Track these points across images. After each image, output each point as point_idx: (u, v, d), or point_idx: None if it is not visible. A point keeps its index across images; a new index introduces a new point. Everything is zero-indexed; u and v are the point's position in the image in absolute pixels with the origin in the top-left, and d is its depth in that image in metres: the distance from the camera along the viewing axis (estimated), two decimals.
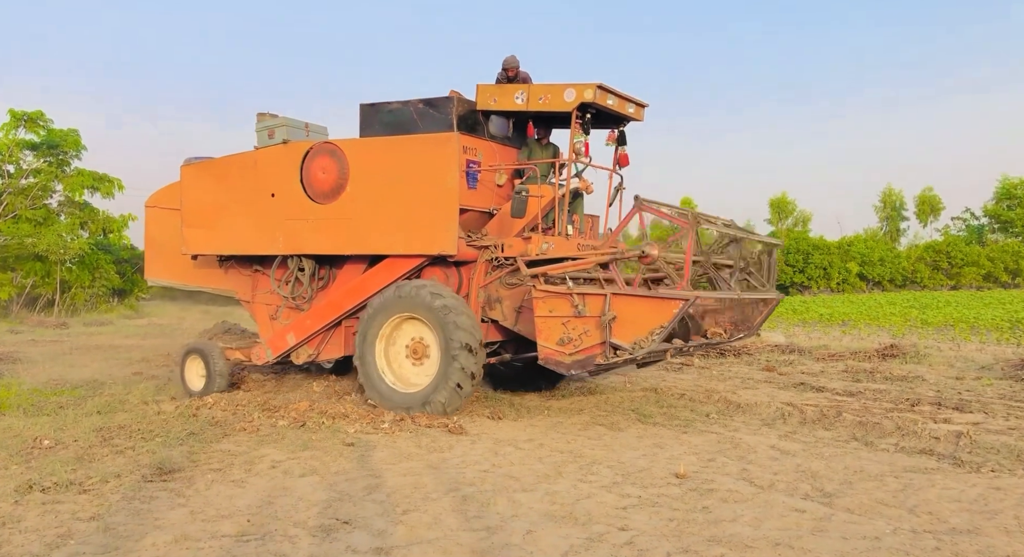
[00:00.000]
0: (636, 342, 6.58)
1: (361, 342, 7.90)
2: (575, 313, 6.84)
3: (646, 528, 4.38)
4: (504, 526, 4.41)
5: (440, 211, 7.57)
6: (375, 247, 8.02)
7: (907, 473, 5.53)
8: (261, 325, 9.20)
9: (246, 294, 9.37)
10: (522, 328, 7.82)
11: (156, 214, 9.87)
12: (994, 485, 5.20)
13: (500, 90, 8.13)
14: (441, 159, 7.59)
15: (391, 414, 7.44)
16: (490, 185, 8.23)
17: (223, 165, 8.97)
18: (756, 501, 4.88)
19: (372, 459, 5.91)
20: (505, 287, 7.93)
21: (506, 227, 8.06)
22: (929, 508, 4.73)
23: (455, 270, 8.14)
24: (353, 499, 4.91)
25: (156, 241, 9.94)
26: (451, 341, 7.35)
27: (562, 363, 6.91)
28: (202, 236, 9.05)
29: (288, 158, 8.40)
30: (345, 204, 8.05)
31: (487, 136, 8.30)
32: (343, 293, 8.39)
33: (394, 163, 7.83)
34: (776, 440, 6.66)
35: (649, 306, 6.59)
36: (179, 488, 5.11)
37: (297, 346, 8.65)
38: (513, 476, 5.47)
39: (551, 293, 6.99)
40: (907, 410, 7.78)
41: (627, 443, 6.56)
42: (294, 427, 6.95)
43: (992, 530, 4.33)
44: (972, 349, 12.59)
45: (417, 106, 8.02)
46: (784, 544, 4.11)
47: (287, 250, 8.51)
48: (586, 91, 7.58)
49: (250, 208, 8.65)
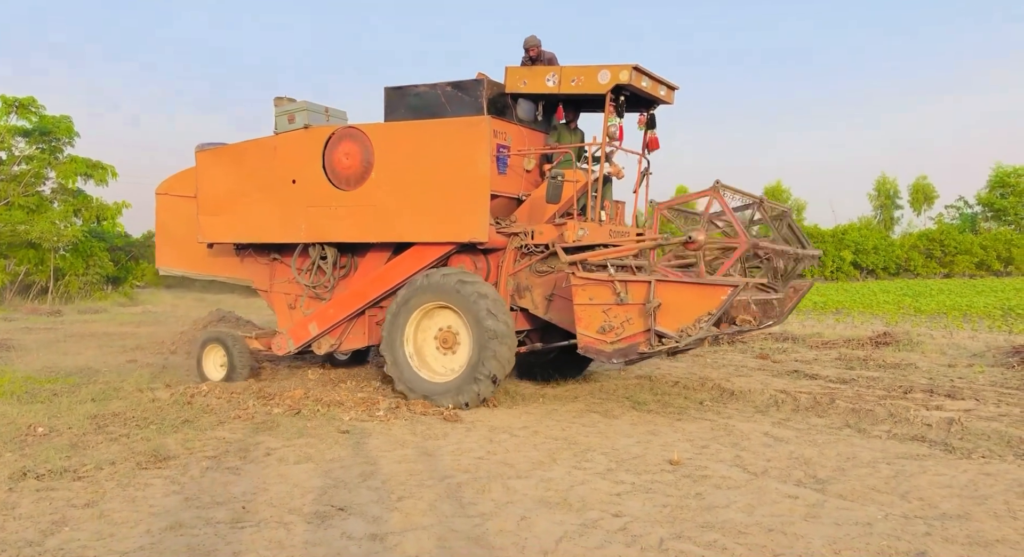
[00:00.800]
0: (682, 330, 6.45)
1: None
2: (617, 301, 6.68)
3: (640, 514, 4.40)
4: (499, 512, 4.43)
5: (471, 197, 7.38)
6: (403, 234, 7.84)
7: (899, 460, 5.57)
8: (280, 314, 9.00)
9: (263, 283, 9.15)
10: (554, 316, 7.68)
11: (168, 201, 9.58)
12: (984, 471, 5.24)
13: (530, 72, 7.90)
14: (472, 143, 7.40)
15: (386, 402, 7.45)
16: (518, 170, 8.06)
17: (241, 151, 8.72)
18: (749, 487, 4.91)
19: (367, 446, 5.93)
20: (535, 275, 7.79)
21: (536, 213, 7.91)
22: (920, 494, 4.76)
23: (483, 257, 7.99)
24: (348, 486, 4.92)
25: (168, 229, 9.70)
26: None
27: (603, 352, 6.77)
28: (219, 224, 8.83)
29: (309, 143, 8.19)
30: (370, 190, 7.86)
31: (515, 120, 8.11)
32: (368, 282, 8.22)
33: (422, 148, 7.63)
34: (769, 427, 6.70)
35: (696, 293, 6.45)
36: (174, 475, 5.11)
37: (319, 336, 8.48)
38: (508, 463, 5.49)
39: (591, 280, 6.83)
40: (900, 397, 7.83)
41: (621, 430, 6.59)
42: (289, 414, 6.96)
43: (982, 515, 4.37)
44: (964, 337, 12.65)
45: (445, 89, 7.83)
46: (777, 530, 4.14)
47: (309, 238, 8.30)
48: (621, 72, 7.36)
49: (270, 195, 8.43)
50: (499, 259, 7.94)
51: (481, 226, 7.35)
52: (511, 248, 7.82)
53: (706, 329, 6.41)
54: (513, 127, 8.03)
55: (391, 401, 7.50)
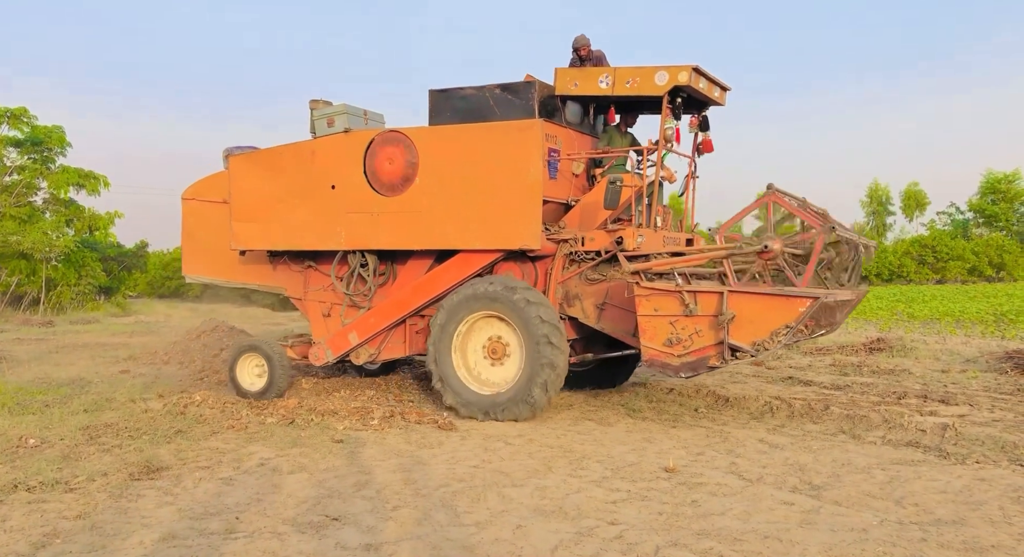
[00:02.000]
0: (757, 343, 6.19)
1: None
2: (685, 312, 6.43)
3: (635, 522, 4.39)
4: (494, 521, 4.41)
5: (522, 203, 7.15)
6: (449, 242, 7.57)
7: (894, 465, 5.57)
8: (314, 323, 8.66)
9: (297, 291, 8.82)
10: (606, 326, 7.48)
11: (194, 207, 9.21)
12: (979, 476, 5.25)
13: (582, 74, 7.67)
14: (523, 147, 7.17)
15: (380, 410, 7.42)
16: (567, 175, 7.84)
17: (276, 155, 8.41)
18: (745, 494, 4.91)
19: (361, 456, 5.90)
20: (586, 283, 7.57)
21: (587, 219, 7.69)
22: (915, 500, 4.76)
23: (531, 265, 7.77)
24: (342, 496, 4.89)
25: (194, 235, 9.28)
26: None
27: (670, 365, 6.55)
28: (253, 230, 8.48)
29: (350, 148, 7.92)
30: (414, 196, 7.61)
31: (564, 123, 7.90)
32: (411, 290, 7.98)
33: (470, 152, 7.39)
34: (765, 434, 6.69)
35: (773, 305, 6.18)
36: (167, 486, 5.08)
37: (359, 345, 8.21)
38: (503, 471, 5.48)
39: (657, 290, 6.58)
40: (894, 403, 7.84)
41: (617, 438, 6.57)
42: (283, 424, 6.93)
43: (977, 521, 4.37)
44: (957, 342, 12.69)
45: (494, 92, 7.60)
46: (773, 537, 4.13)
47: (350, 245, 8.01)
48: (681, 73, 7.14)
49: (308, 201, 8.13)
50: (547, 266, 7.70)
51: (533, 233, 7.15)
52: (560, 255, 7.60)
53: (784, 343, 6.09)
54: (563, 130, 7.83)
55: (385, 410, 7.47)
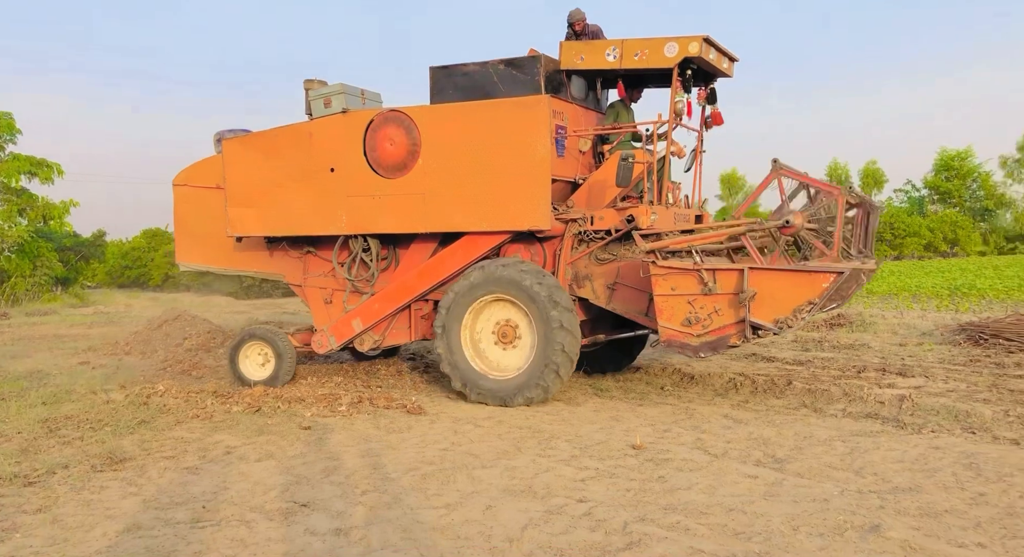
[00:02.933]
0: (780, 321, 6.04)
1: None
2: (703, 291, 6.30)
3: (604, 499, 4.45)
4: (464, 502, 4.43)
5: (530, 182, 6.99)
6: (455, 224, 7.38)
7: (854, 437, 5.72)
8: (315, 310, 8.47)
9: (296, 278, 8.63)
10: (617, 306, 7.34)
11: (186, 193, 8.96)
12: (934, 445, 5.41)
13: (588, 47, 7.46)
14: (530, 125, 6.98)
15: (348, 396, 7.38)
16: (574, 152, 7.60)
17: (272, 138, 8.17)
18: (710, 469, 5.00)
19: (330, 442, 5.87)
20: (595, 263, 7.41)
21: (595, 197, 7.50)
22: (874, 469, 4.90)
23: (539, 246, 7.60)
24: (311, 482, 4.87)
25: (187, 223, 9.04)
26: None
27: (689, 345, 6.42)
28: (250, 216, 8.27)
29: (349, 129, 7.69)
30: (417, 177, 7.43)
31: (570, 98, 7.68)
32: (416, 274, 7.79)
33: (474, 131, 7.19)
34: (729, 409, 6.81)
35: (795, 281, 6.03)
36: (131, 477, 5.00)
37: (363, 332, 8.08)
38: (473, 453, 5.50)
39: (674, 269, 6.42)
40: (854, 377, 8.03)
41: (585, 417, 6.64)
42: (249, 412, 6.85)
43: (932, 487, 4.51)
44: (914, 316, 13.03)
45: (498, 67, 7.40)
46: (737, 509, 4.21)
47: (351, 229, 7.83)
48: (691, 44, 6.92)
49: (306, 185, 7.93)
50: (556, 247, 7.54)
51: (542, 213, 6.98)
52: (569, 235, 7.42)
53: (807, 320, 5.93)
54: (569, 106, 7.61)
55: (353, 396, 7.44)
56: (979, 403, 6.52)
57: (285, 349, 8.16)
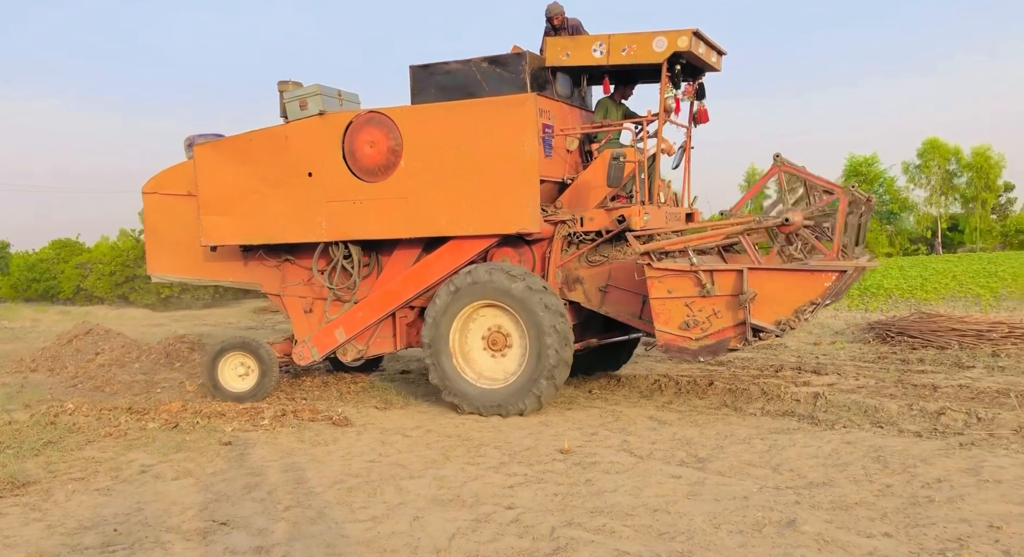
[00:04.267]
0: (781, 322, 5.91)
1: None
2: (701, 292, 6.14)
3: (532, 505, 4.47)
4: (390, 514, 4.37)
5: (518, 184, 6.79)
6: (440, 228, 7.16)
7: (772, 434, 5.92)
8: (295, 321, 8.15)
9: (274, 287, 8.31)
10: (609, 309, 7.19)
11: (156, 201, 8.59)
12: (846, 440, 5.65)
13: (574, 43, 7.30)
14: (517, 124, 6.79)
15: (271, 410, 7.18)
16: (561, 152, 7.40)
17: (246, 142, 7.83)
18: (636, 471, 5.08)
19: (251, 457, 5.70)
20: (586, 265, 7.26)
21: (583, 198, 7.34)
22: (791, 465, 5.08)
23: (528, 249, 7.41)
24: (231, 499, 4.72)
25: (158, 231, 8.67)
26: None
27: (687, 350, 6.27)
28: (225, 224, 7.92)
29: (326, 131, 7.42)
30: (399, 181, 7.20)
31: (556, 96, 7.49)
32: (401, 281, 7.53)
33: (458, 131, 6.99)
34: (654, 411, 6.95)
35: (796, 281, 5.89)
36: (34, 502, 4.73)
37: (346, 342, 7.80)
38: (400, 464, 5.43)
39: (670, 271, 6.25)
40: (772, 376, 8.32)
41: (514, 423, 6.65)
42: (166, 429, 6.59)
43: (843, 481, 4.71)
44: (827, 316, 13.59)
45: (481, 65, 7.18)
46: (662, 510, 4.30)
47: (332, 236, 7.54)
48: (680, 39, 6.77)
49: (283, 190, 7.63)
50: (545, 249, 7.35)
51: (532, 215, 6.80)
52: (558, 237, 7.24)
53: (809, 321, 5.74)
54: (555, 104, 7.40)
55: (277, 409, 7.24)
56: (886, 398, 6.85)
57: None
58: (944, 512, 4.10)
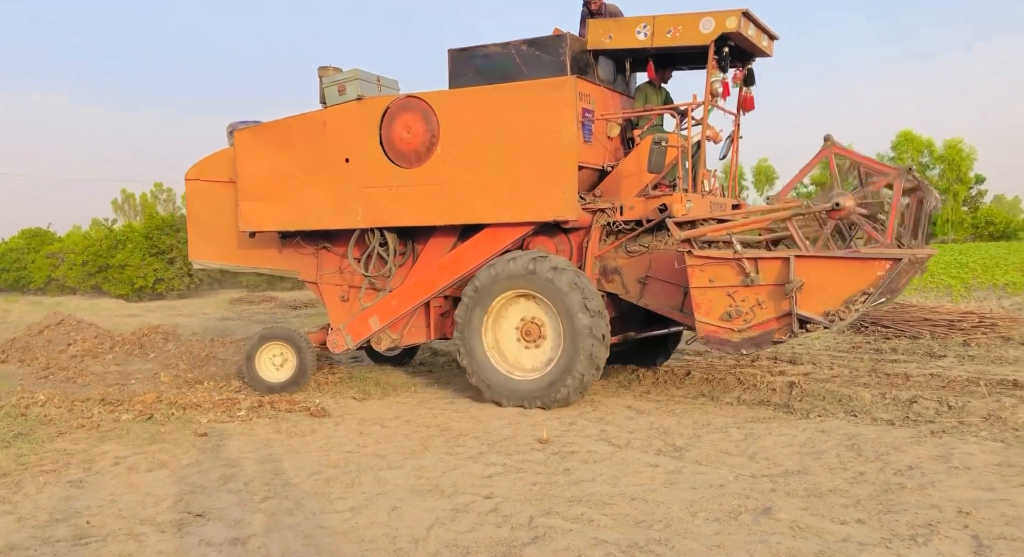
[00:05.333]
0: (830, 313, 5.62)
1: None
2: (744, 282, 5.86)
3: (510, 494, 4.47)
4: (369, 505, 4.36)
5: (556, 170, 6.58)
6: (477, 215, 6.98)
7: (748, 423, 5.98)
8: (331, 308, 8.07)
9: (310, 274, 8.23)
10: (649, 301, 6.94)
11: (199, 188, 8.55)
12: (820, 428, 5.73)
13: (617, 25, 7.06)
14: (556, 108, 6.58)
15: (248, 401, 7.12)
16: (601, 138, 7.20)
17: (285, 128, 7.77)
18: (614, 460, 5.11)
19: (228, 448, 5.65)
20: (625, 255, 7.03)
21: (624, 186, 7.11)
22: (766, 454, 5.14)
23: (565, 238, 7.21)
24: (207, 491, 4.67)
25: (200, 218, 8.61)
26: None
27: (729, 341, 6.01)
28: (263, 210, 7.88)
29: (364, 117, 7.32)
30: (437, 167, 7.05)
31: (597, 81, 7.28)
32: (436, 269, 7.38)
33: (496, 116, 6.80)
34: (632, 400, 6.99)
35: (847, 269, 5.58)
36: (4, 494, 4.64)
37: (380, 330, 7.66)
38: (379, 455, 5.41)
39: (712, 259, 5.98)
40: (748, 366, 8.40)
41: (493, 413, 6.65)
42: (140, 420, 6.50)
43: (818, 469, 4.77)
44: None
45: (520, 48, 7.01)
46: (639, 498, 4.33)
47: (368, 223, 7.43)
48: (729, 19, 6.49)
49: (320, 176, 7.56)
50: (582, 239, 7.13)
51: (569, 202, 6.59)
52: (596, 226, 7.01)
53: (862, 312, 5.51)
54: (596, 88, 7.17)
55: (253, 400, 7.18)
56: (860, 387, 6.95)
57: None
58: (915, 498, 4.16)
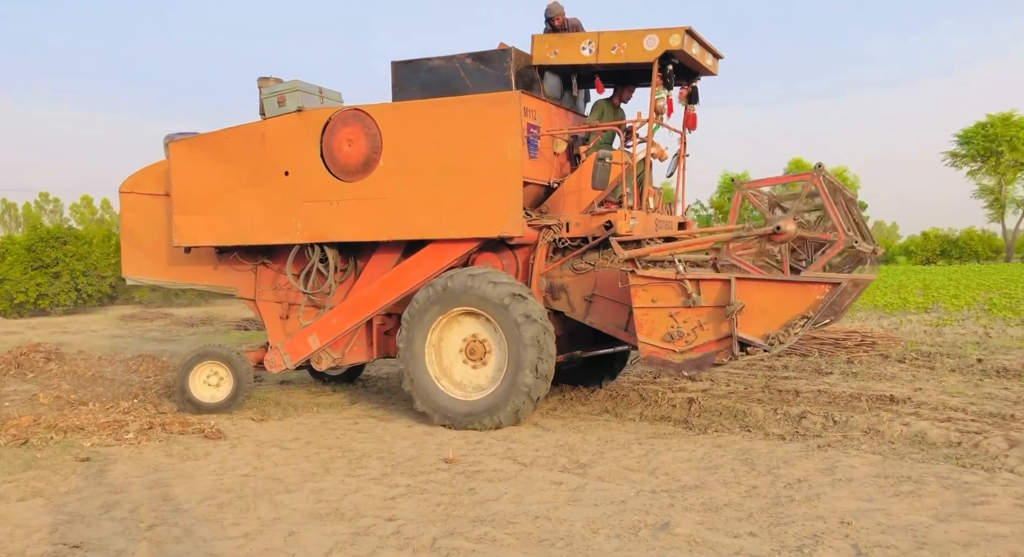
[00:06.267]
0: (770, 336, 5.59)
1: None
2: (686, 303, 5.82)
3: (413, 516, 4.40)
4: (264, 530, 4.19)
5: (501, 186, 6.52)
6: (419, 231, 6.87)
7: (649, 439, 6.12)
8: (270, 326, 7.80)
9: (248, 291, 7.95)
10: (595, 320, 6.90)
11: (134, 201, 8.18)
12: (716, 443, 5.93)
13: (561, 40, 7.02)
14: (500, 123, 6.53)
15: (136, 423, 6.73)
16: (547, 154, 7.13)
17: (222, 140, 7.49)
18: (519, 478, 5.12)
19: (112, 474, 5.32)
20: (571, 273, 6.97)
21: (571, 203, 7.06)
22: (666, 469, 5.27)
23: (511, 254, 7.13)
24: (87, 520, 4.37)
25: (134, 233, 8.24)
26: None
27: (671, 363, 5.97)
28: (198, 224, 7.56)
29: (304, 129, 7.14)
30: (378, 181, 6.90)
31: (543, 96, 7.21)
32: (378, 286, 7.20)
33: (440, 130, 6.72)
34: (538, 418, 7.03)
35: (786, 293, 5.58)
36: None
37: (320, 349, 7.44)
38: (277, 478, 5.22)
39: (654, 279, 5.94)
40: (650, 382, 8.63)
41: (398, 433, 6.55)
42: (13, 445, 6.04)
43: (714, 483, 4.94)
44: None
45: (465, 62, 6.93)
46: (543, 516, 4.35)
47: (307, 238, 7.23)
48: (672, 37, 6.53)
49: (259, 190, 7.31)
50: (528, 256, 7.07)
51: (514, 218, 6.53)
52: (543, 243, 6.95)
53: (800, 335, 5.51)
54: (542, 104, 7.13)
55: (143, 422, 6.80)
56: (754, 403, 7.25)
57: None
58: (803, 510, 4.37)
